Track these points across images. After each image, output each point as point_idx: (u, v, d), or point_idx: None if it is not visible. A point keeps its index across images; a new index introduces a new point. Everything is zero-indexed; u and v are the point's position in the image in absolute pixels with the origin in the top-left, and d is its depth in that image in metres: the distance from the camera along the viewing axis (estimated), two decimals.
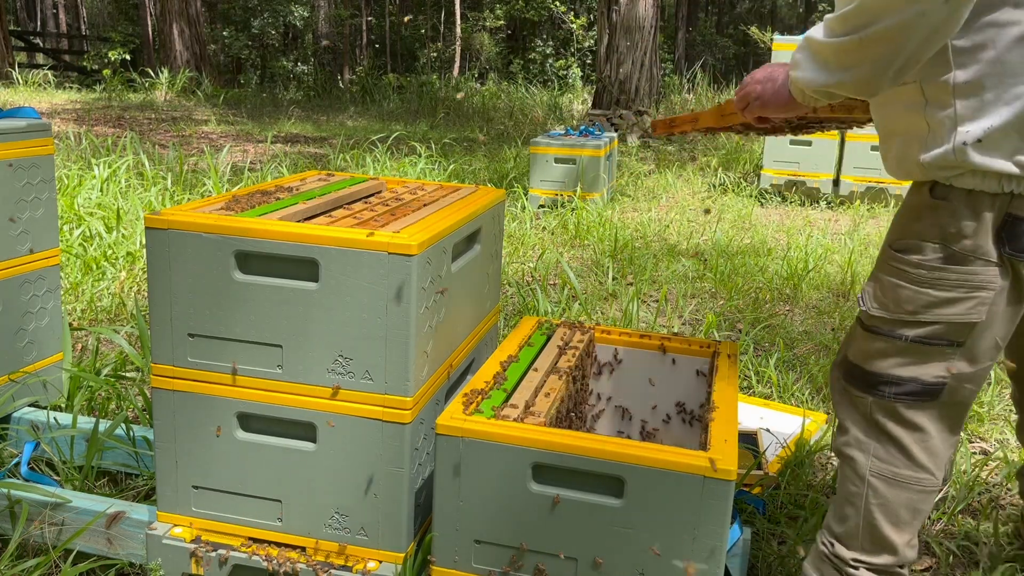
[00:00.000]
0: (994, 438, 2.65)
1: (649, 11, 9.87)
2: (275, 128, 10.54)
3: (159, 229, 1.55)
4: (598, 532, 1.44)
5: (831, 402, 1.68)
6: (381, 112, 13.03)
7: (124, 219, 4.43)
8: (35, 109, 2.28)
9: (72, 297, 3.54)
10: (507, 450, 1.44)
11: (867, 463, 1.53)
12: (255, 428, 1.61)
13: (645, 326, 3.50)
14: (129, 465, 2.12)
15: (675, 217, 5.81)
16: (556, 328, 2.01)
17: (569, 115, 12.03)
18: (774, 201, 6.58)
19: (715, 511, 1.38)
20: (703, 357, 1.98)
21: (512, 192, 6.39)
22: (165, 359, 1.61)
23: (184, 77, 13.82)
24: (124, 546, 1.74)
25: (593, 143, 5.97)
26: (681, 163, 8.30)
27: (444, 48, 21.24)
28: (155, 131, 9.55)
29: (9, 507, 1.80)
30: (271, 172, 6.37)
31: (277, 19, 20.55)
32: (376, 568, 1.59)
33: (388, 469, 1.56)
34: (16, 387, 2.20)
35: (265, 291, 1.53)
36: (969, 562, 2.02)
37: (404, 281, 1.48)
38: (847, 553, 1.56)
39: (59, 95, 12.92)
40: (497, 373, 1.72)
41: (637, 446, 1.43)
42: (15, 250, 2.15)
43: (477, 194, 1.97)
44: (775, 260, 4.59)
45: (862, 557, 1.55)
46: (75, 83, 15.26)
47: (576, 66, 17.04)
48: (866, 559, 1.55)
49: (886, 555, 1.54)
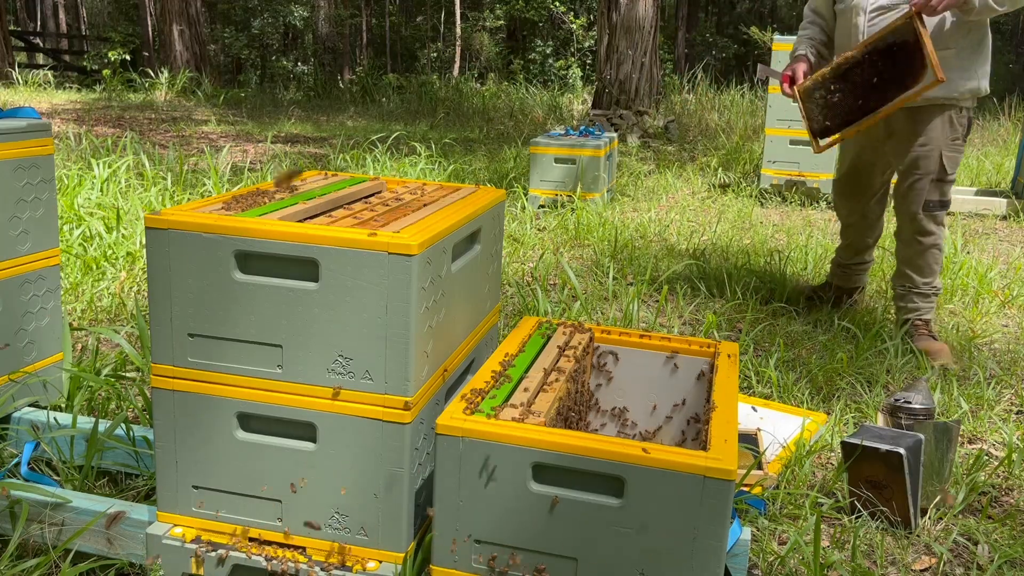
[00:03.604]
0: (994, 438, 2.65)
1: (649, 11, 9.87)
2: (275, 128, 10.54)
3: (159, 229, 1.55)
4: (598, 532, 1.44)
5: (902, 233, 3.37)
6: (381, 112, 13.03)
7: (124, 219, 4.43)
8: (35, 109, 2.28)
9: (72, 297, 3.55)
10: (507, 450, 1.45)
11: (942, 243, 3.34)
12: (255, 428, 1.61)
13: (645, 326, 3.50)
14: (129, 465, 2.12)
15: (675, 217, 5.81)
16: (556, 328, 2.01)
17: (569, 115, 12.03)
18: (774, 201, 6.59)
19: (715, 511, 1.38)
20: (703, 357, 1.98)
21: (512, 192, 6.39)
22: (165, 359, 1.61)
23: (184, 77, 13.82)
24: (124, 546, 1.74)
25: (593, 143, 5.97)
26: (681, 163, 8.30)
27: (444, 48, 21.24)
28: (155, 131, 9.55)
29: (9, 507, 1.80)
30: (271, 172, 6.37)
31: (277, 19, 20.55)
32: (376, 568, 1.59)
33: (388, 469, 1.56)
34: (16, 387, 2.20)
35: (265, 291, 1.53)
36: (969, 562, 2.02)
37: (404, 281, 1.48)
38: (936, 282, 3.43)
39: (59, 95, 12.92)
40: (497, 373, 1.72)
41: (637, 446, 1.43)
42: (15, 250, 2.15)
43: (477, 194, 1.97)
44: (775, 260, 4.59)
45: (935, 282, 3.41)
46: (75, 83, 15.26)
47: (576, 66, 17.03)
48: (936, 283, 3.40)
49: None
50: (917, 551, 2.06)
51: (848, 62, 3.13)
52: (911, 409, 2.34)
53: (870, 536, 2.09)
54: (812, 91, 3.24)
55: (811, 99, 3.26)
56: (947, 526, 2.15)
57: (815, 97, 3.24)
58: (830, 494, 2.26)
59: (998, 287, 4.24)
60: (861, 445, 2.12)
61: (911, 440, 2.11)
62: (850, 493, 2.18)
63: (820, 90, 3.21)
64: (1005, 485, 2.37)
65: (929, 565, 2.00)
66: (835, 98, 3.18)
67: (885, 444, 2.10)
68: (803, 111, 3.29)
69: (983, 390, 2.92)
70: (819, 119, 3.26)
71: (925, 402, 2.36)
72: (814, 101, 3.24)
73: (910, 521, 2.10)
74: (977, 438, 2.66)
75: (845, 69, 3.14)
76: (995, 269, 4.48)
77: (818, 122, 3.26)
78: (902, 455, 2.07)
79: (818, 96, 3.22)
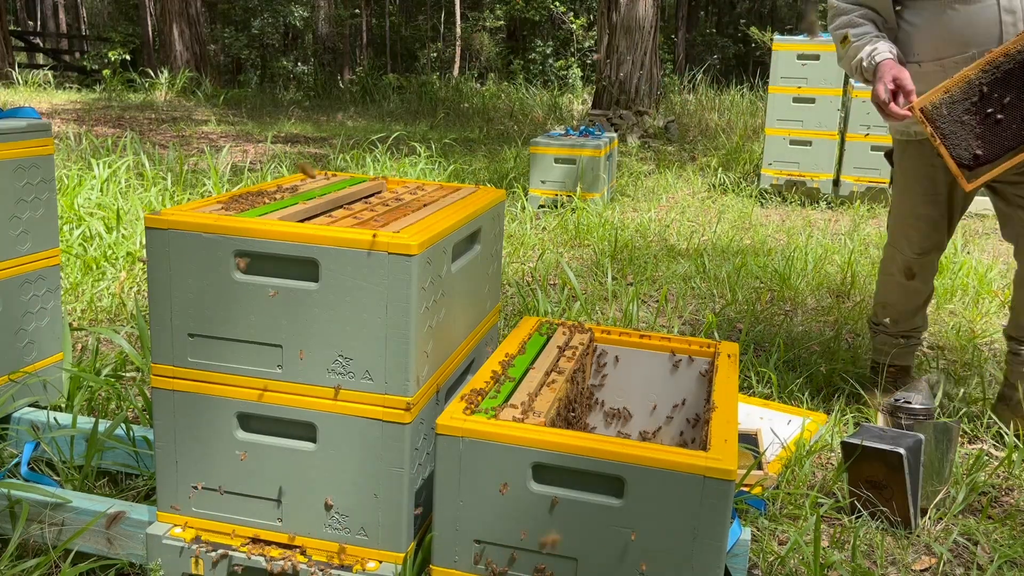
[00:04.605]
0: (994, 438, 2.65)
1: (649, 11, 9.86)
2: (275, 128, 10.54)
3: (159, 229, 1.55)
4: (598, 532, 1.44)
5: None
6: (381, 112, 13.02)
7: (124, 219, 4.43)
8: (35, 109, 2.28)
9: (72, 297, 3.55)
10: (507, 450, 1.44)
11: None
12: (255, 428, 1.61)
13: (645, 326, 3.50)
14: (129, 465, 2.12)
15: (675, 217, 5.81)
16: (556, 328, 2.01)
17: (569, 115, 12.03)
18: (774, 201, 6.59)
19: (715, 511, 1.38)
20: (703, 357, 1.98)
21: (512, 192, 6.39)
22: (165, 359, 1.61)
23: (184, 77, 13.82)
24: (124, 546, 1.74)
25: (593, 143, 5.97)
26: (681, 163, 8.30)
27: (444, 48, 21.24)
28: (155, 131, 9.55)
29: (9, 507, 1.80)
30: (271, 172, 6.37)
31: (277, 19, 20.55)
32: (376, 568, 1.59)
33: (388, 469, 1.56)
34: (16, 387, 2.20)
35: (265, 291, 1.53)
36: (969, 562, 2.02)
37: (404, 281, 1.48)
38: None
39: (59, 95, 12.92)
40: (497, 373, 1.72)
41: (637, 446, 1.43)
42: (15, 250, 2.15)
43: (477, 194, 1.97)
44: (775, 260, 4.59)
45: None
46: (75, 83, 15.26)
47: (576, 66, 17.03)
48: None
49: None
50: (917, 551, 2.06)
51: (1010, 59, 2.21)
52: (911, 409, 2.34)
53: (870, 536, 2.09)
54: (947, 106, 2.30)
55: (947, 118, 2.30)
56: (947, 526, 2.15)
57: (957, 114, 2.29)
58: (830, 494, 2.26)
59: (998, 287, 4.24)
60: (861, 445, 2.12)
61: (911, 440, 2.11)
62: (850, 493, 2.18)
63: (965, 102, 2.28)
64: (1005, 485, 2.37)
65: (929, 565, 2.00)
66: (994, 116, 2.26)
67: (885, 444, 2.10)
68: (936, 135, 2.30)
69: (983, 390, 2.92)
70: (968, 144, 2.29)
71: (925, 402, 2.36)
72: (957, 120, 2.30)
73: (910, 521, 2.10)
74: (977, 438, 2.66)
75: (1007, 71, 2.21)
76: (995, 269, 4.48)
77: (967, 149, 2.29)
78: (902, 455, 2.07)
79: (962, 111, 2.29)
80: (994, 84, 2.21)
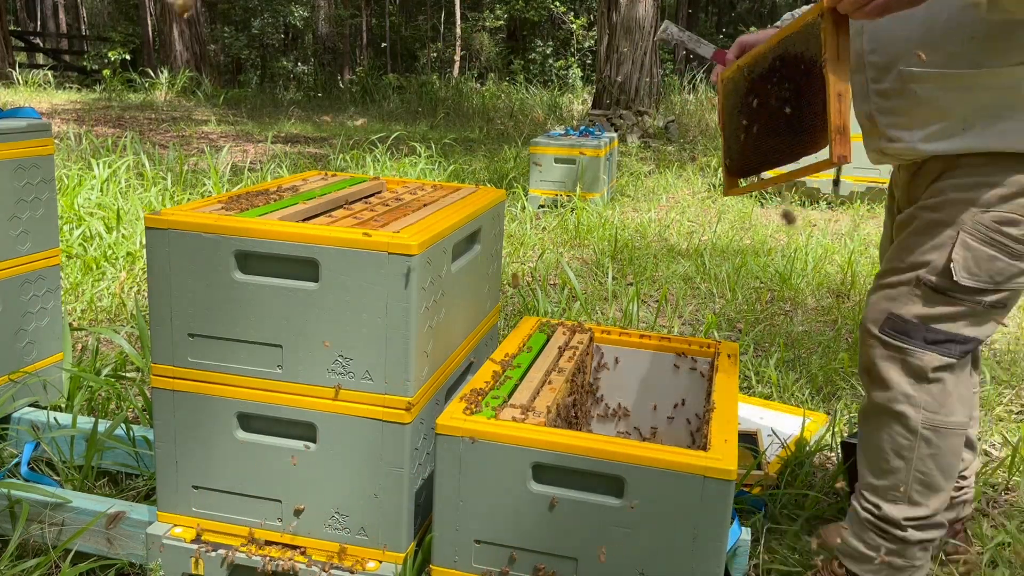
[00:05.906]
0: (994, 438, 2.65)
1: (649, 11, 9.86)
2: (275, 128, 10.54)
3: (159, 229, 1.55)
4: (598, 532, 1.44)
5: (859, 367, 1.69)
6: (381, 112, 13.02)
7: (124, 219, 4.43)
8: (35, 109, 2.28)
9: (72, 297, 3.54)
10: (507, 450, 1.44)
11: (918, 416, 1.58)
12: (255, 428, 1.61)
13: (645, 326, 3.50)
14: (129, 465, 2.12)
15: (675, 217, 5.81)
16: (556, 328, 2.01)
17: (569, 115, 12.03)
18: (774, 201, 6.58)
19: (715, 511, 1.38)
20: (703, 357, 1.98)
21: (512, 192, 6.39)
22: (165, 359, 1.61)
23: (184, 77, 13.82)
24: (124, 546, 1.74)
25: (593, 143, 5.97)
26: (681, 163, 8.30)
27: (444, 48, 21.24)
28: (155, 131, 9.55)
29: (9, 507, 1.80)
30: (271, 172, 6.37)
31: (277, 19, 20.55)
32: (376, 568, 1.59)
33: (388, 469, 1.56)
34: (16, 387, 2.20)
35: (265, 291, 1.53)
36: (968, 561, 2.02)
37: (404, 281, 1.48)
38: (897, 513, 1.62)
39: (59, 95, 12.92)
40: (497, 373, 1.72)
41: (637, 446, 1.43)
42: (15, 250, 2.15)
43: (477, 194, 1.97)
44: (775, 260, 4.59)
45: (911, 513, 1.62)
46: (75, 83, 15.26)
47: (576, 66, 17.03)
48: (914, 514, 1.62)
49: (934, 502, 1.61)
50: None
51: (758, 64, 1.67)
52: None
53: None
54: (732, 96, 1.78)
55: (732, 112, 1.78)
56: None
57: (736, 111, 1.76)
58: (830, 494, 2.26)
59: None
60: None
61: None
62: (850, 493, 2.18)
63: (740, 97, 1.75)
64: (1005, 485, 2.37)
65: None
66: (754, 126, 1.71)
67: None
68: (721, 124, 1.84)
69: (984, 390, 2.92)
70: (736, 147, 1.78)
71: None
72: (733, 116, 1.77)
73: None
74: (977, 439, 2.66)
75: (759, 75, 1.68)
76: None
77: (735, 150, 1.78)
78: None
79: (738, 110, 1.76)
80: (754, 82, 1.69)
